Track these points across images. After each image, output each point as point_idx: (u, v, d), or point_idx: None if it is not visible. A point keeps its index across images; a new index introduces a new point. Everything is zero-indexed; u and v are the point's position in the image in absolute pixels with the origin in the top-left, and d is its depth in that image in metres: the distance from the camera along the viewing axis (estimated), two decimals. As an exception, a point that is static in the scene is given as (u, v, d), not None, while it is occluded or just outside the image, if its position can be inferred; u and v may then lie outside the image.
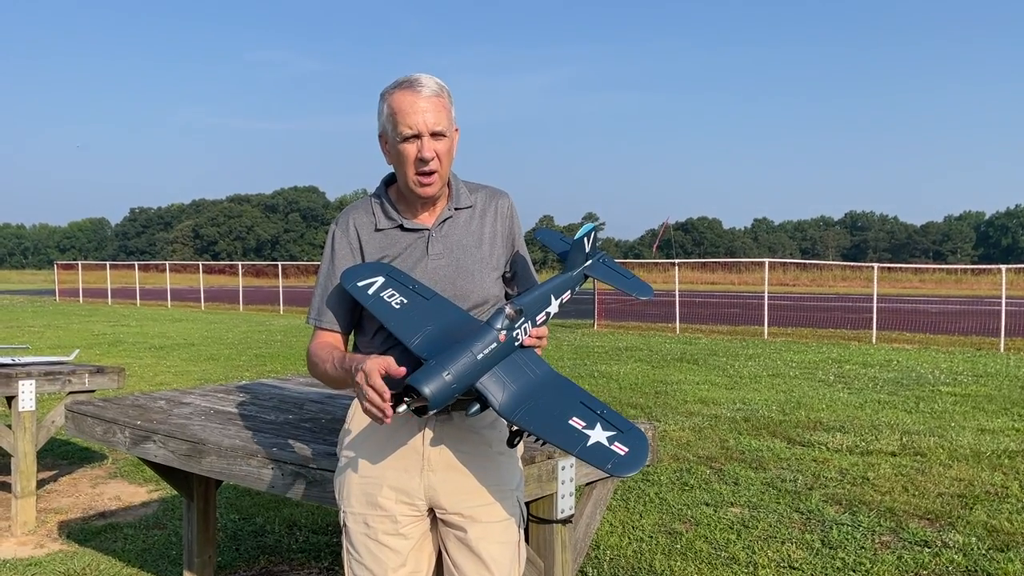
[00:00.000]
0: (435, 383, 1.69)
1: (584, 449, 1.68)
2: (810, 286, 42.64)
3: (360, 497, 2.01)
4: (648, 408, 8.30)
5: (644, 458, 1.68)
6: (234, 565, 4.19)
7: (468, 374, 1.74)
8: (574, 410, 1.76)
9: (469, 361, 1.74)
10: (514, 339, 1.84)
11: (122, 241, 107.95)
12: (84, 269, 36.93)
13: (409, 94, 1.93)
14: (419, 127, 1.91)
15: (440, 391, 1.69)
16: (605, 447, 1.68)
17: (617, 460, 1.66)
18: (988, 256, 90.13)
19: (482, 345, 1.77)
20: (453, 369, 1.71)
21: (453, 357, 1.74)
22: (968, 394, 9.37)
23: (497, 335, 1.80)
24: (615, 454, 1.67)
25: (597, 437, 1.70)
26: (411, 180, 1.97)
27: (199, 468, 2.83)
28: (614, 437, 1.70)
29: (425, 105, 1.92)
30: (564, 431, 1.72)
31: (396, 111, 1.93)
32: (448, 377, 1.70)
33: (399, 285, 1.96)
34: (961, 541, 4.42)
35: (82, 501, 5.37)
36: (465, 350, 1.75)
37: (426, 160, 1.93)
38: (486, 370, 1.77)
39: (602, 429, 1.72)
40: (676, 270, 21.44)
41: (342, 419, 2.42)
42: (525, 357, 1.85)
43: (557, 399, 1.79)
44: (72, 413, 3.41)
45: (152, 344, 15.49)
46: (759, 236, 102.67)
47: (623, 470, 1.66)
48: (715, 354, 13.73)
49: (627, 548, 4.39)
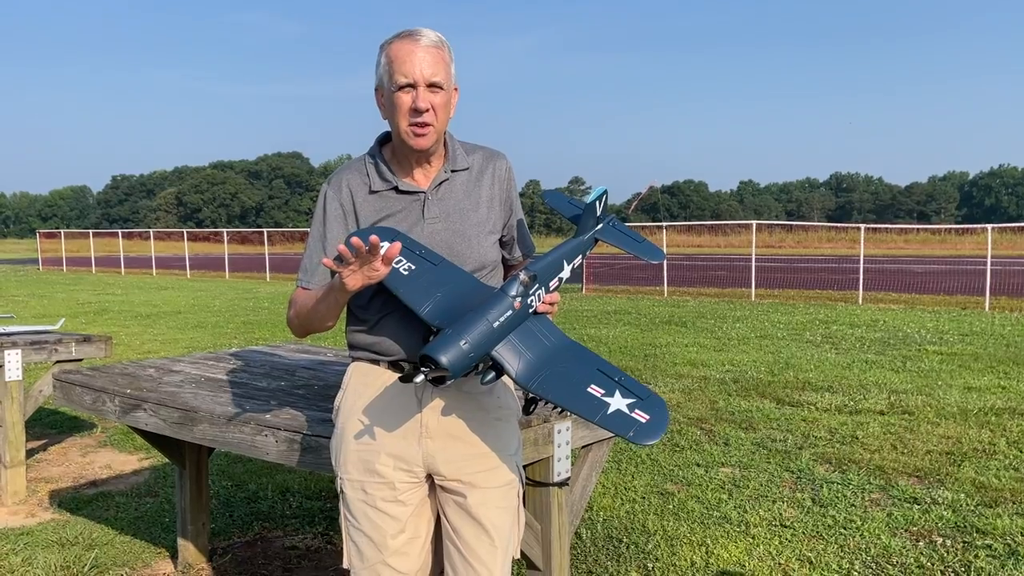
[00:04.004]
0: (453, 352, 1.66)
1: (605, 417, 1.67)
2: (796, 248, 42.82)
3: (358, 464, 1.99)
4: (638, 371, 8.32)
5: (664, 425, 1.66)
6: (228, 532, 4.19)
7: (485, 342, 1.72)
8: (592, 378, 1.74)
9: (485, 329, 1.72)
10: (528, 306, 1.81)
11: (104, 209, 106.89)
12: (67, 238, 36.61)
13: (408, 43, 1.88)
14: (415, 76, 1.86)
15: (458, 360, 1.67)
16: (626, 414, 1.67)
17: (639, 427, 1.65)
18: (971, 216, 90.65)
19: (497, 312, 1.75)
20: (470, 338, 1.69)
21: (469, 325, 1.71)
22: (954, 353, 9.45)
23: (512, 302, 1.77)
24: (636, 421, 1.66)
25: (617, 404, 1.69)
26: (403, 131, 1.91)
27: (191, 436, 2.80)
28: (634, 404, 1.69)
29: (423, 55, 1.86)
30: (584, 399, 1.70)
31: (393, 59, 1.88)
32: (465, 346, 1.68)
33: (406, 251, 1.92)
34: (950, 498, 4.47)
35: (72, 470, 5.34)
36: (481, 318, 1.73)
37: (420, 111, 1.87)
38: (502, 338, 1.75)
39: (621, 396, 1.70)
40: (663, 233, 21.43)
41: (334, 385, 2.39)
42: (539, 324, 1.83)
43: (574, 366, 1.76)
44: (60, 383, 3.37)
45: (138, 312, 15.39)
46: (745, 198, 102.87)
47: (645, 437, 1.64)
48: (703, 316, 13.78)
49: (620, 509, 4.41)
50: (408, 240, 1.94)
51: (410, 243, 1.94)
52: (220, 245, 33.66)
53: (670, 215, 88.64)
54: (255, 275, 27.56)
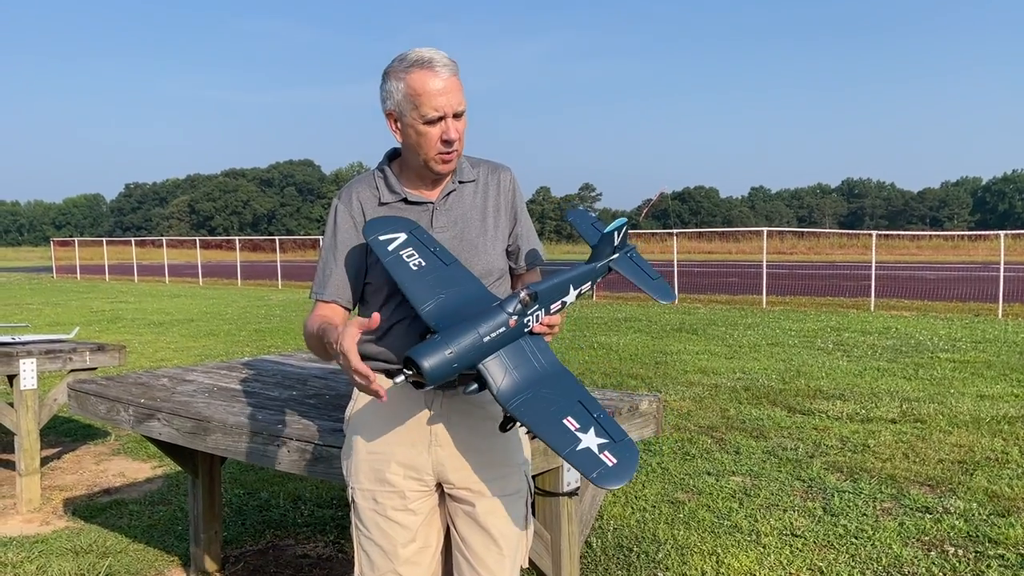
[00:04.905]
0: (435, 359, 1.67)
1: (573, 452, 1.64)
2: (808, 254, 42.68)
3: (368, 473, 2.02)
4: (648, 379, 8.32)
5: (631, 471, 1.63)
6: (240, 540, 4.21)
7: (471, 354, 1.71)
8: (570, 409, 1.71)
9: (474, 342, 1.72)
10: (524, 325, 1.81)
11: (118, 217, 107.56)
12: (81, 245, 36.86)
13: (430, 75, 1.91)
14: (444, 109, 1.91)
15: (438, 367, 1.67)
16: (595, 455, 1.64)
17: (604, 470, 1.62)
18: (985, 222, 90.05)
19: (490, 327, 1.74)
20: (457, 347, 1.69)
21: (458, 335, 1.71)
22: (967, 360, 9.40)
23: (508, 319, 1.77)
24: (603, 463, 1.63)
25: (588, 442, 1.66)
26: (432, 159, 1.97)
27: (204, 446, 2.83)
28: (605, 445, 1.66)
29: (447, 86, 1.91)
30: (557, 430, 1.67)
31: (419, 92, 1.91)
32: (450, 355, 1.68)
33: (420, 245, 1.94)
34: (962, 507, 4.45)
35: (86, 478, 5.38)
36: (472, 329, 1.73)
37: (451, 141, 1.94)
38: (490, 352, 1.75)
39: (595, 435, 1.67)
40: (674, 240, 21.43)
41: (346, 395, 2.42)
42: (533, 344, 1.82)
43: (556, 394, 1.74)
44: (75, 392, 3.41)
45: (151, 320, 15.48)
46: (756, 205, 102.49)
47: (607, 481, 1.61)
48: (714, 323, 13.76)
49: (631, 518, 4.41)
50: (425, 236, 1.98)
51: (427, 239, 1.96)
52: (232, 253, 33.84)
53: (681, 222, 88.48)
54: (267, 283, 27.67)
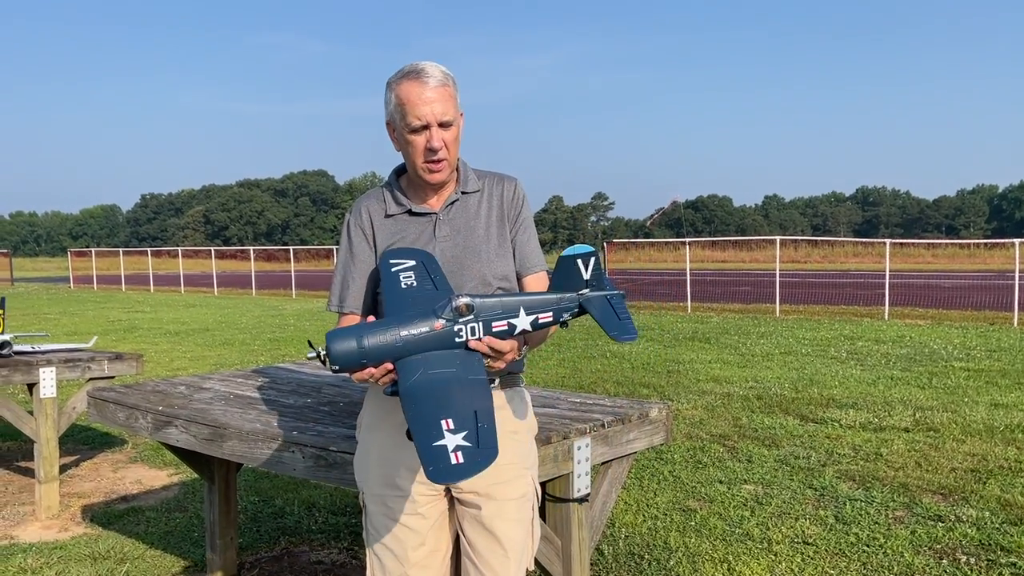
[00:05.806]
0: (344, 345, 1.71)
1: (428, 447, 1.59)
2: (822, 263, 42.53)
3: (379, 479, 2.06)
4: (660, 387, 8.33)
5: (467, 473, 1.56)
6: (255, 546, 4.26)
7: (383, 349, 1.72)
8: (457, 414, 1.64)
9: (390, 338, 1.73)
10: (455, 333, 1.77)
11: (134, 227, 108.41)
12: (97, 256, 37.13)
13: (416, 85, 1.96)
14: (427, 118, 1.96)
15: (345, 355, 1.71)
16: (445, 452, 1.58)
17: (442, 466, 1.56)
18: (1001, 230, 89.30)
19: (411, 327, 1.75)
20: (369, 339, 1.72)
21: (377, 327, 1.74)
22: (981, 369, 9.35)
23: (433, 323, 1.76)
24: (446, 460, 1.57)
25: (449, 441, 1.59)
26: (420, 168, 2.03)
27: (221, 452, 2.88)
28: (463, 448, 1.59)
29: (432, 95, 1.96)
30: (426, 425, 1.62)
31: (404, 102, 1.97)
32: (358, 344, 1.71)
33: (422, 270, 1.99)
34: (975, 516, 4.45)
35: (104, 485, 5.45)
36: (393, 325, 1.75)
37: (435, 150, 1.99)
38: (409, 352, 1.73)
39: (464, 439, 1.60)
40: (687, 248, 21.40)
41: (359, 402, 2.46)
42: (465, 358, 1.76)
43: (454, 400, 1.67)
44: (95, 400, 3.47)
45: (167, 330, 15.61)
46: (770, 213, 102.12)
47: (443, 477, 1.57)
48: (727, 332, 13.73)
49: (642, 526, 4.43)
50: (433, 264, 2.03)
51: (433, 269, 2.02)
52: (247, 263, 34.04)
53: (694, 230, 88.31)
54: (281, 292, 27.82)
